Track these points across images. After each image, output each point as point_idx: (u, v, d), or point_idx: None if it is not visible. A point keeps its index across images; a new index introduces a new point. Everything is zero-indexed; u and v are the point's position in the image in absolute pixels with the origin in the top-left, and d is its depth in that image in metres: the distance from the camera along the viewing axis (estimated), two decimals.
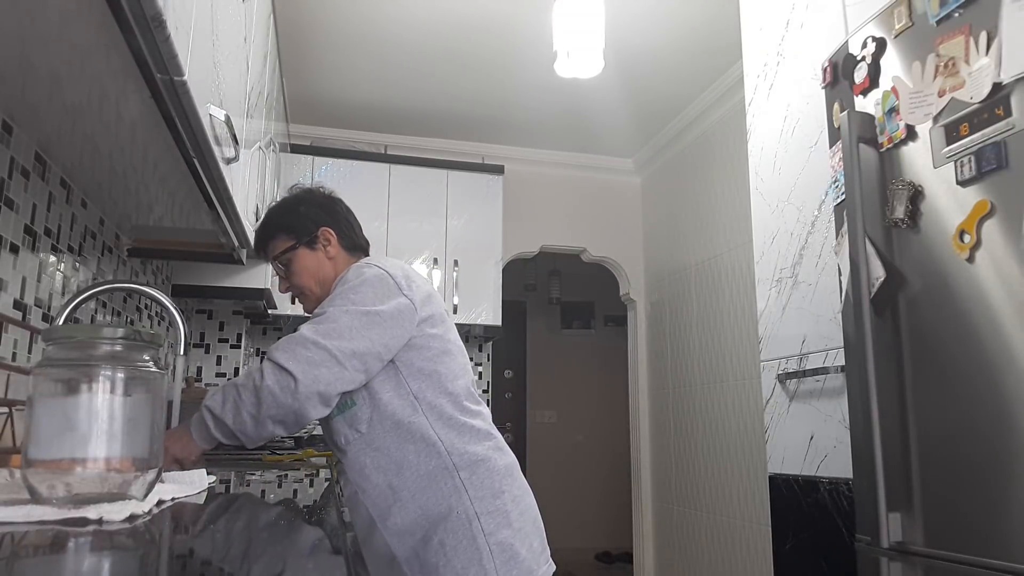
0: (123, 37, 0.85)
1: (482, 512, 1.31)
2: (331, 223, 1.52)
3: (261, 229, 1.56)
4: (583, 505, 5.89)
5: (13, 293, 1.31)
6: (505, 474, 1.38)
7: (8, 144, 1.23)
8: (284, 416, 1.22)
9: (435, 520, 1.29)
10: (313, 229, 1.49)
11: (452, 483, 1.31)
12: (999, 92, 1.19)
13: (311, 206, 1.53)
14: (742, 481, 3.29)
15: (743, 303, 3.34)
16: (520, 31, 3.08)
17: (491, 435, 1.42)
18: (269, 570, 0.58)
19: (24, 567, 0.51)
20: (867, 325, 1.37)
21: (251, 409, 1.22)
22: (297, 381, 1.20)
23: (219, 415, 1.24)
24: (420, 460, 1.32)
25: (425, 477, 1.31)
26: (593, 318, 6.30)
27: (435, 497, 1.30)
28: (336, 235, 1.51)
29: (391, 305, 1.32)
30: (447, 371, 1.39)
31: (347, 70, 3.44)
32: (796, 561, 1.86)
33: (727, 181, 3.54)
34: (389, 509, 1.31)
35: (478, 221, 3.78)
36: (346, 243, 1.53)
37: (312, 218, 1.50)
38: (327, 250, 1.50)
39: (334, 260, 1.50)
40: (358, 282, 1.34)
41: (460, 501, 1.30)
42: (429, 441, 1.33)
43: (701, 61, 3.32)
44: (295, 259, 1.49)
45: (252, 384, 1.23)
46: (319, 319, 1.29)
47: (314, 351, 1.23)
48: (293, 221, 1.51)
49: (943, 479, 1.25)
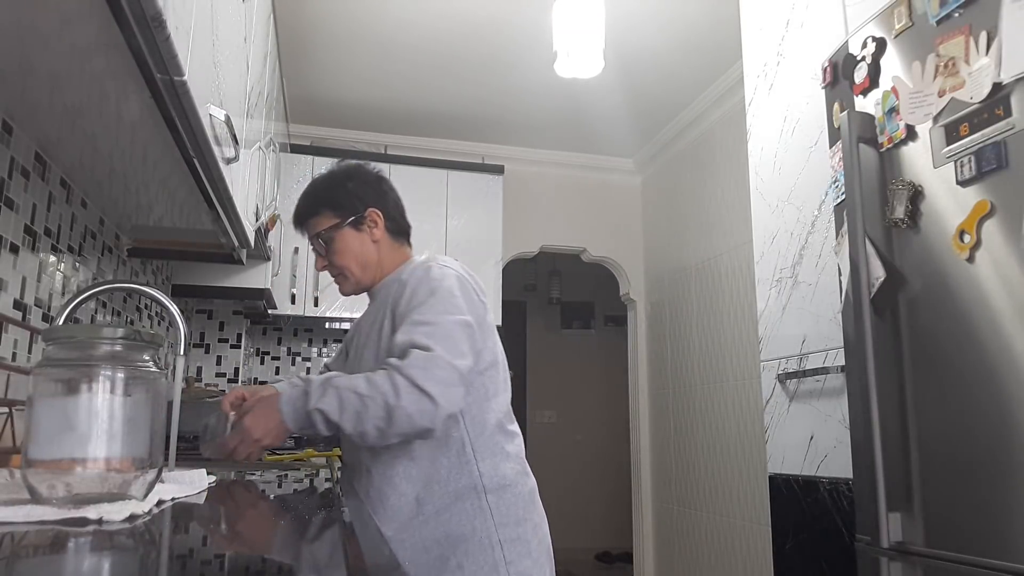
0: (123, 37, 0.85)
1: (505, 539, 1.27)
2: (380, 204, 1.44)
3: (304, 202, 1.46)
4: (583, 505, 5.89)
5: (13, 293, 1.31)
6: (528, 500, 1.34)
7: (8, 144, 1.23)
8: (412, 434, 1.19)
9: (455, 541, 1.25)
10: (361, 209, 1.42)
11: (478, 504, 1.27)
12: (999, 92, 1.19)
13: (360, 183, 1.45)
14: (742, 481, 3.29)
15: (743, 303, 3.33)
16: (520, 31, 3.07)
17: (520, 457, 1.38)
18: (269, 570, 0.58)
19: (24, 567, 0.51)
20: (867, 325, 1.37)
21: (380, 423, 1.16)
22: (438, 406, 1.15)
23: (335, 420, 1.17)
24: (451, 476, 1.28)
25: (452, 494, 1.27)
26: (593, 318, 6.30)
27: (459, 517, 1.26)
28: (384, 217, 1.44)
29: (478, 314, 1.30)
30: (493, 385, 1.35)
31: (347, 70, 3.44)
32: (796, 561, 1.86)
33: (727, 181, 3.54)
34: (410, 522, 1.26)
35: (478, 221, 3.78)
36: (393, 227, 1.46)
37: (361, 196, 1.43)
38: (373, 232, 1.43)
39: (378, 244, 1.43)
40: (449, 286, 1.29)
41: (484, 525, 1.26)
42: (464, 457, 1.29)
43: (701, 61, 3.32)
44: (338, 238, 1.41)
45: (383, 400, 1.15)
46: (436, 332, 1.22)
47: (448, 372, 1.18)
48: (341, 197, 1.42)
49: (943, 479, 1.25)
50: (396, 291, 1.35)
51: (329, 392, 1.18)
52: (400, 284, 1.34)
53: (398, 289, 1.34)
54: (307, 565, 0.61)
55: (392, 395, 1.15)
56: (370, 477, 1.30)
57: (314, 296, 3.46)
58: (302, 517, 0.89)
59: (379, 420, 1.15)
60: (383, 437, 1.17)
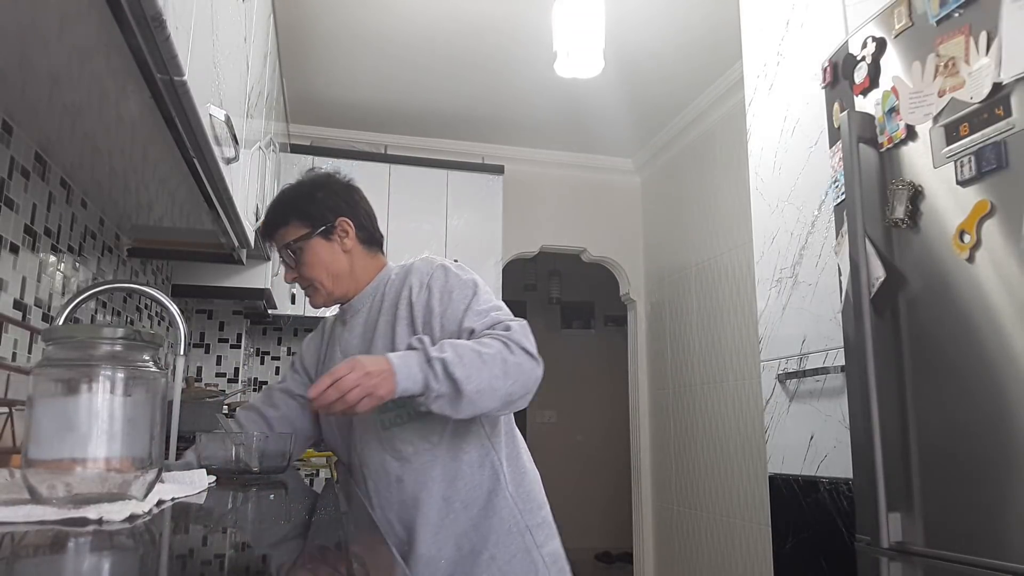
0: (123, 37, 0.85)
1: (532, 525, 1.30)
2: (350, 213, 1.41)
3: (272, 212, 1.44)
4: (583, 505, 5.89)
5: (13, 293, 1.31)
6: (541, 486, 1.38)
7: (8, 144, 1.23)
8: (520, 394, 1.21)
9: (485, 533, 1.26)
10: (331, 218, 1.38)
11: (503, 494, 1.29)
12: (999, 92, 1.19)
13: (330, 193, 1.41)
14: (742, 481, 3.29)
15: (743, 303, 3.33)
16: (520, 31, 3.07)
17: (525, 447, 1.41)
18: (269, 570, 0.58)
19: (24, 567, 0.51)
20: (867, 325, 1.37)
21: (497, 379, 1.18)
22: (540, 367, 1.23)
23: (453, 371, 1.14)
24: (473, 471, 1.29)
25: (478, 488, 1.28)
26: (593, 318, 6.30)
27: (486, 509, 1.28)
28: (355, 227, 1.40)
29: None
30: None
31: (347, 70, 3.44)
32: (796, 561, 1.86)
33: (727, 181, 3.54)
34: (441, 521, 1.26)
35: (478, 221, 3.78)
36: (364, 236, 1.42)
37: (330, 206, 1.39)
38: (344, 242, 1.39)
39: (350, 253, 1.40)
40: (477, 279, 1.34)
41: (511, 514, 1.28)
42: (484, 450, 1.30)
43: (701, 61, 3.32)
44: (308, 249, 1.37)
45: (501, 357, 1.19)
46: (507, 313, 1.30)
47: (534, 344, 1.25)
48: (309, 207, 1.39)
49: (943, 479, 1.25)
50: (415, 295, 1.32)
51: (446, 346, 1.18)
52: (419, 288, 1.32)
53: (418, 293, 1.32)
54: (307, 565, 0.61)
55: (508, 352, 1.19)
56: (402, 486, 1.28)
57: None
58: (302, 517, 0.89)
59: (497, 375, 1.17)
60: (493, 394, 1.17)
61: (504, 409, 1.23)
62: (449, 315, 1.29)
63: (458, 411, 1.17)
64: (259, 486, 1.13)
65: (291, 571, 0.58)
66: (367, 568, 0.55)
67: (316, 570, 0.58)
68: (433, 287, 1.31)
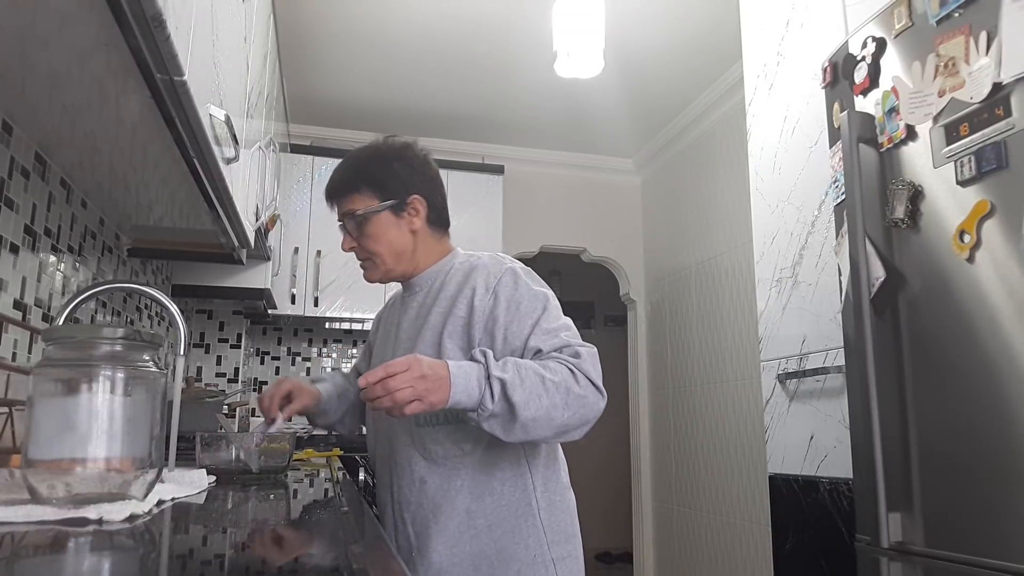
0: (123, 37, 0.85)
1: (558, 557, 1.22)
2: (426, 191, 1.32)
3: (343, 175, 1.33)
4: (583, 505, 5.85)
5: (13, 293, 1.31)
6: (574, 515, 1.30)
7: (8, 144, 1.23)
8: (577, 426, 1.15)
9: (508, 559, 1.18)
10: (404, 194, 1.30)
11: (532, 521, 1.21)
12: (999, 92, 1.19)
13: (407, 166, 1.32)
14: (742, 481, 3.29)
15: (743, 303, 3.33)
16: (520, 31, 3.07)
17: (566, 471, 1.33)
18: (269, 570, 0.58)
19: (24, 567, 0.51)
20: (867, 325, 1.37)
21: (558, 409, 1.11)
22: (604, 401, 1.17)
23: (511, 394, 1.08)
24: (505, 489, 1.21)
25: (506, 508, 1.21)
26: (593, 318, 6.30)
27: (512, 532, 1.20)
28: (427, 206, 1.33)
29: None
30: None
31: (347, 70, 3.44)
32: (796, 561, 1.86)
33: (727, 181, 3.54)
34: (460, 536, 1.19)
35: (478, 221, 3.78)
36: (434, 217, 1.35)
37: (406, 181, 1.31)
38: (413, 221, 1.31)
39: (416, 234, 1.32)
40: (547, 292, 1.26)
41: (538, 542, 1.20)
42: (519, 469, 1.23)
43: (701, 61, 3.32)
44: (374, 221, 1.29)
45: (565, 386, 1.12)
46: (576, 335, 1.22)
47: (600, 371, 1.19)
48: (385, 178, 1.30)
49: (943, 479, 1.25)
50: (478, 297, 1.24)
51: (508, 365, 1.10)
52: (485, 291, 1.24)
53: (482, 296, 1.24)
54: (307, 565, 0.61)
55: (573, 382, 1.13)
56: (424, 488, 1.22)
57: (314, 296, 3.46)
58: (302, 517, 0.89)
59: (558, 405, 1.10)
60: (549, 424, 1.11)
61: (557, 439, 1.16)
62: (514, 329, 1.20)
63: (509, 435, 1.10)
64: (259, 486, 1.13)
65: (291, 571, 0.58)
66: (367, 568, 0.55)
67: (316, 570, 0.58)
68: (500, 294, 1.22)
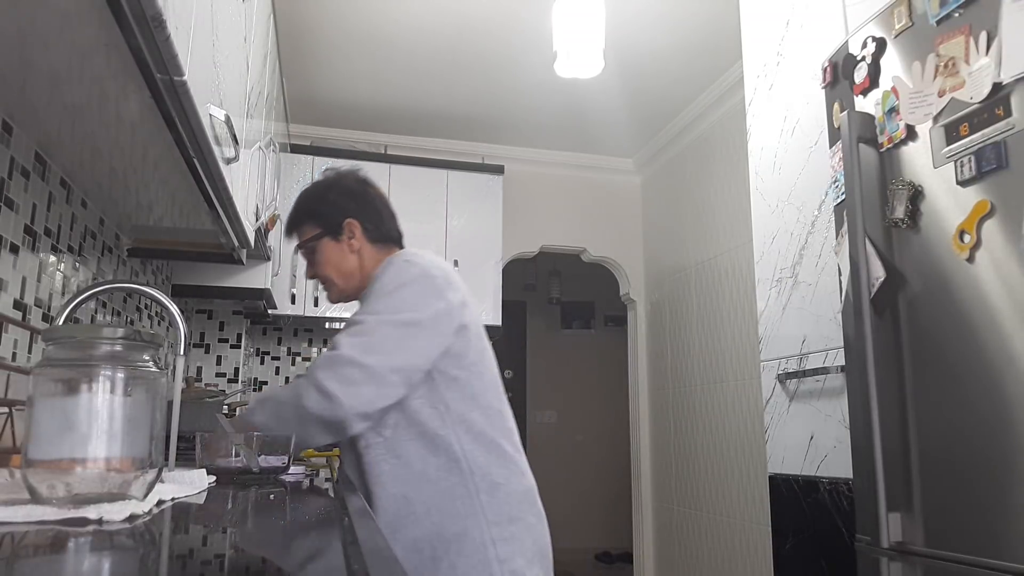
0: (123, 37, 0.85)
1: (499, 538, 1.26)
2: (358, 213, 1.45)
3: (291, 213, 1.51)
4: (583, 505, 5.89)
5: (13, 293, 1.31)
6: (523, 498, 1.33)
7: (8, 144, 1.23)
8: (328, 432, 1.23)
9: (448, 540, 1.24)
10: (339, 219, 1.44)
11: (471, 504, 1.26)
12: (999, 92, 1.19)
13: (340, 194, 1.47)
14: (742, 481, 3.29)
15: (743, 303, 3.33)
16: (520, 31, 3.07)
17: (516, 455, 1.36)
18: (269, 570, 0.58)
19: (24, 567, 0.51)
20: (867, 325, 1.37)
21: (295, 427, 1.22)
22: (341, 405, 1.19)
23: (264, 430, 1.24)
24: (441, 475, 1.27)
25: (443, 493, 1.26)
26: (593, 318, 6.30)
27: (451, 516, 1.25)
28: (362, 226, 1.45)
29: (432, 311, 1.27)
30: (480, 382, 1.33)
31: (347, 70, 3.44)
32: (796, 561, 1.86)
33: (727, 181, 3.54)
34: (401, 521, 1.25)
35: (478, 221, 3.78)
36: (372, 235, 1.46)
37: (340, 207, 1.45)
38: (351, 242, 1.44)
39: (358, 252, 1.44)
40: (397, 284, 1.29)
41: (477, 524, 1.25)
42: (453, 456, 1.27)
43: (701, 61, 3.32)
44: (319, 249, 1.45)
45: (293, 409, 1.22)
46: (356, 330, 1.25)
47: (355, 371, 1.20)
48: (320, 208, 1.46)
49: (943, 479, 1.25)
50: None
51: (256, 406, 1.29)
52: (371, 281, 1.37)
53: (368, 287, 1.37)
54: (307, 565, 0.61)
55: (300, 396, 1.22)
56: (361, 474, 1.31)
57: (314, 296, 3.46)
58: (302, 517, 0.89)
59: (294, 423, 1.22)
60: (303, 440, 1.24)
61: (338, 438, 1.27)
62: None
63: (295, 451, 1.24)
64: (259, 486, 1.13)
65: (291, 571, 0.58)
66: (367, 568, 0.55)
67: (316, 570, 0.58)
68: (373, 283, 1.34)
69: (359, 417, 1.22)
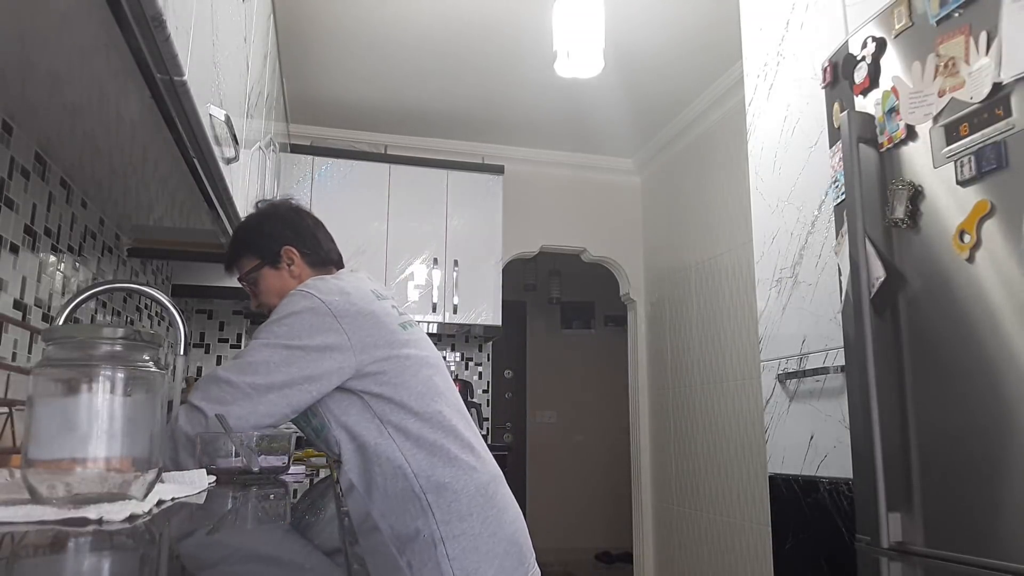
0: (123, 37, 0.85)
1: (447, 536, 1.28)
2: (295, 240, 1.48)
3: (228, 249, 1.54)
4: (583, 505, 5.89)
5: (13, 293, 1.31)
6: (476, 494, 1.33)
7: (8, 144, 1.23)
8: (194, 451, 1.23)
9: (404, 541, 1.29)
10: (276, 248, 1.47)
11: (419, 505, 1.29)
12: (999, 92, 1.19)
13: (275, 223, 1.50)
14: (742, 481, 3.29)
15: (743, 303, 3.33)
16: (520, 31, 3.08)
17: (464, 452, 1.36)
18: (270, 570, 0.58)
19: (24, 567, 0.51)
20: (867, 325, 1.37)
21: (170, 453, 1.24)
22: (207, 418, 1.22)
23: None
24: (387, 482, 1.31)
25: (392, 498, 1.30)
26: (593, 318, 6.30)
27: (403, 518, 1.29)
28: (299, 253, 1.48)
29: (319, 340, 1.29)
30: (407, 391, 1.34)
31: (347, 70, 3.44)
32: (796, 561, 1.86)
33: (727, 181, 3.54)
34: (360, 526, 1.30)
35: (478, 221, 3.78)
36: (311, 259, 1.49)
37: (276, 237, 1.48)
38: (291, 268, 1.48)
39: (299, 278, 1.47)
40: (286, 313, 1.31)
41: (427, 524, 1.28)
42: (396, 463, 1.30)
43: (701, 61, 3.32)
44: (260, 279, 1.49)
45: (169, 430, 1.24)
46: (239, 354, 1.30)
47: (225, 388, 1.24)
48: (257, 240, 1.49)
49: (943, 479, 1.25)
50: None
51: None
52: None
53: None
54: (308, 565, 0.61)
55: (173, 420, 1.26)
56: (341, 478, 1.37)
57: None
58: (302, 517, 0.89)
59: (169, 449, 1.24)
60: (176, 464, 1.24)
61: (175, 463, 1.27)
62: None
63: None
64: (259, 486, 1.13)
65: (291, 572, 0.58)
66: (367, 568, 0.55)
67: (316, 570, 0.58)
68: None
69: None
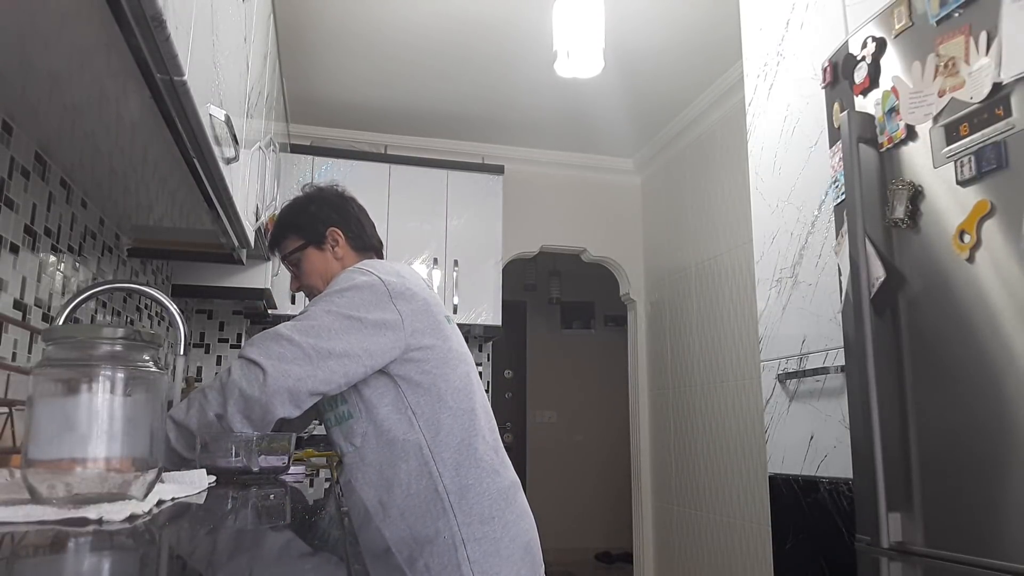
0: (123, 37, 0.85)
1: (469, 538, 1.27)
2: (340, 223, 1.51)
3: (274, 228, 1.57)
4: (583, 505, 5.89)
5: (13, 293, 1.31)
6: (498, 497, 1.33)
7: (8, 144, 1.23)
8: (250, 411, 1.18)
9: (422, 542, 1.26)
10: (322, 229, 1.50)
11: (441, 505, 1.27)
12: (999, 92, 1.19)
13: (321, 205, 1.53)
14: (742, 481, 3.29)
15: (743, 303, 3.33)
16: (520, 31, 3.08)
17: (490, 455, 1.36)
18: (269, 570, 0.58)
19: (24, 567, 0.51)
20: (867, 325, 1.37)
21: (217, 408, 1.19)
22: (266, 374, 1.17)
23: (182, 421, 1.19)
24: (411, 479, 1.29)
25: (414, 497, 1.28)
26: (593, 318, 6.31)
27: (423, 518, 1.27)
28: (344, 235, 1.51)
29: (376, 316, 1.28)
30: (446, 384, 1.33)
31: (347, 70, 3.44)
32: (796, 561, 1.86)
33: (727, 181, 3.54)
34: (379, 524, 1.28)
35: (478, 221, 3.78)
36: (355, 243, 1.52)
37: (321, 218, 1.51)
38: (335, 250, 1.50)
39: (342, 260, 1.49)
40: (347, 286, 1.31)
41: (448, 525, 1.27)
42: (423, 460, 1.29)
43: (701, 61, 3.32)
44: (304, 259, 1.50)
45: (219, 383, 1.20)
46: (299, 317, 1.27)
47: (286, 347, 1.20)
48: (303, 221, 1.51)
49: (943, 479, 1.25)
50: None
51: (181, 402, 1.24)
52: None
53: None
54: (308, 565, 0.61)
55: (225, 374, 1.21)
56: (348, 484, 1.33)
57: None
58: (302, 517, 0.89)
59: (217, 405, 1.19)
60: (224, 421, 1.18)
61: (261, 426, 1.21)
62: None
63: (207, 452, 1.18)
64: (259, 486, 1.13)
65: (291, 571, 0.58)
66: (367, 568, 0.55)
67: (316, 570, 0.58)
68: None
69: (286, 394, 1.18)
